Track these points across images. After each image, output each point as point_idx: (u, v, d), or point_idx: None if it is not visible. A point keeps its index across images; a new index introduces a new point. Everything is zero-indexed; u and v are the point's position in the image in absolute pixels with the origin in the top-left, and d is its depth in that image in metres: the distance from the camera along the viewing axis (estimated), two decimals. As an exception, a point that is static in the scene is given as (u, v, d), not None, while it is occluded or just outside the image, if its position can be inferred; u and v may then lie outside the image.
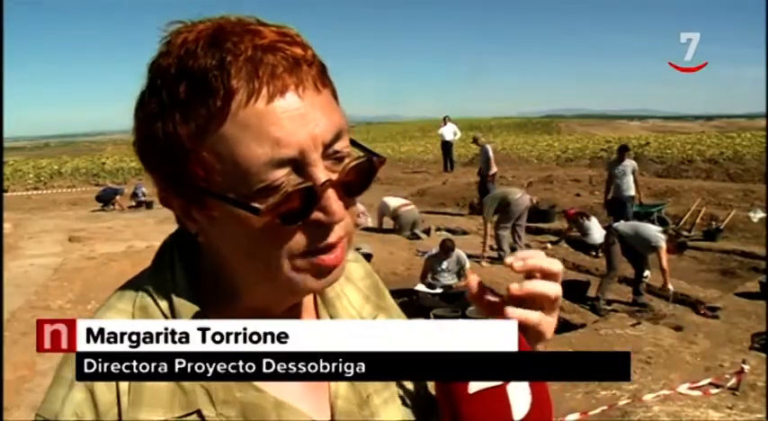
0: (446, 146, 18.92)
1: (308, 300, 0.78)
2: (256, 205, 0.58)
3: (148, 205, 16.11)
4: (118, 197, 16.47)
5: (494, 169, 12.31)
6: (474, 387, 0.59)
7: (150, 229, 12.71)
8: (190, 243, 0.70)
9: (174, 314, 0.65)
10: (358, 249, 3.44)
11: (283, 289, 0.66)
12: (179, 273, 0.69)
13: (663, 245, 7.06)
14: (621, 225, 7.71)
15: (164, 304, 0.67)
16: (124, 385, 0.62)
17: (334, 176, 0.62)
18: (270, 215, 0.59)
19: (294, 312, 0.74)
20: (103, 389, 0.62)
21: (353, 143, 0.67)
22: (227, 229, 0.62)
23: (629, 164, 10.07)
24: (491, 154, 12.36)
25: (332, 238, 0.63)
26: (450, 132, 18.98)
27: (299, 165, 0.59)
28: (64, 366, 0.64)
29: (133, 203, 16.54)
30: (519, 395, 0.59)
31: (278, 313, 0.71)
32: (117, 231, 12.82)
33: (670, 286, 7.18)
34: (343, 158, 0.63)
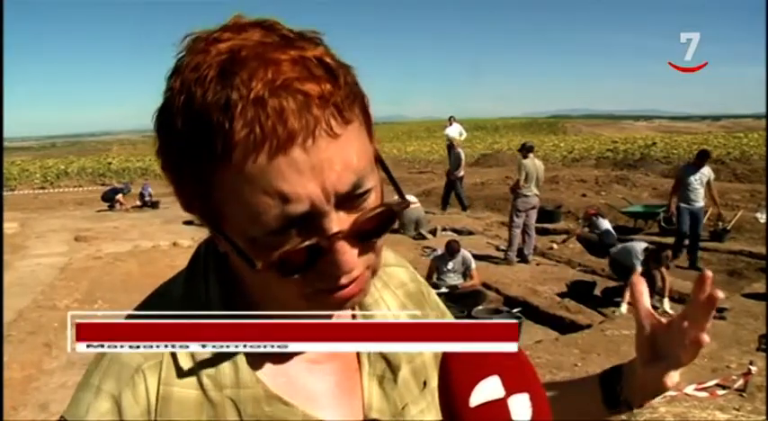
0: (452, 146, 18.90)
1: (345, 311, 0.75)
2: (255, 259, 0.56)
3: (154, 205, 16.18)
4: (120, 196, 16.50)
5: (461, 172, 13.52)
6: (475, 400, 0.59)
7: (156, 229, 12.77)
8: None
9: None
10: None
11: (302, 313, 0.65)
12: (212, 283, 0.68)
13: (638, 268, 6.97)
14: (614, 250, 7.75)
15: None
16: (153, 397, 0.62)
17: (347, 226, 0.57)
18: (267, 270, 0.57)
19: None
20: (131, 402, 0.61)
21: (383, 168, 0.62)
22: (238, 262, 0.60)
23: (708, 172, 8.97)
24: (462, 157, 13.54)
25: (344, 280, 0.59)
26: (455, 132, 18.98)
27: (309, 217, 0.55)
28: (93, 373, 0.63)
29: (138, 203, 16.59)
30: (520, 407, 0.59)
31: None
32: (123, 231, 12.88)
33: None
34: (363, 197, 0.58)
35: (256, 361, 0.65)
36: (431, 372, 0.77)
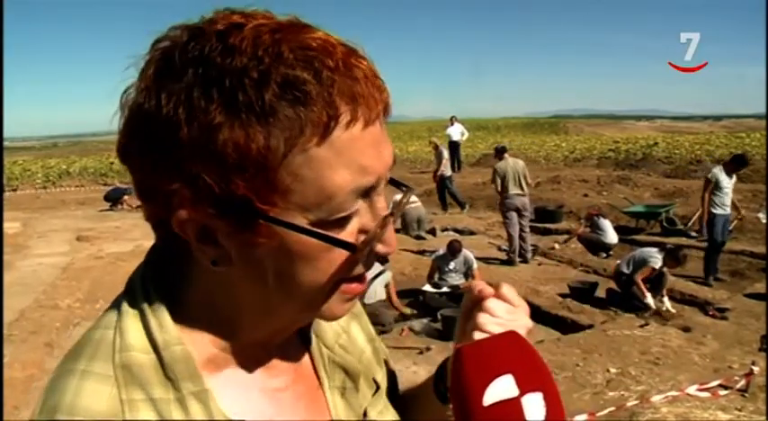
0: (453, 146, 18.90)
1: None
2: (343, 238, 0.55)
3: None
4: (126, 196, 16.52)
5: (448, 172, 13.87)
6: (488, 399, 0.59)
7: (158, 229, 12.74)
8: (169, 273, 0.63)
9: (164, 367, 0.57)
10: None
11: (306, 315, 0.65)
12: (162, 313, 0.60)
13: (657, 265, 7.15)
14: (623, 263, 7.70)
15: (150, 359, 0.57)
16: None
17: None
18: (362, 251, 0.56)
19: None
20: None
21: None
22: (274, 256, 0.55)
23: (734, 177, 8.36)
24: (446, 157, 13.81)
25: (372, 267, 0.61)
26: (457, 132, 19.03)
27: (368, 192, 0.55)
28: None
29: (140, 203, 16.58)
30: (533, 407, 0.59)
31: (277, 342, 0.67)
32: (125, 231, 12.85)
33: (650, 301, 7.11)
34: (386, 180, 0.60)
35: (223, 399, 0.60)
36: (374, 369, 0.79)
